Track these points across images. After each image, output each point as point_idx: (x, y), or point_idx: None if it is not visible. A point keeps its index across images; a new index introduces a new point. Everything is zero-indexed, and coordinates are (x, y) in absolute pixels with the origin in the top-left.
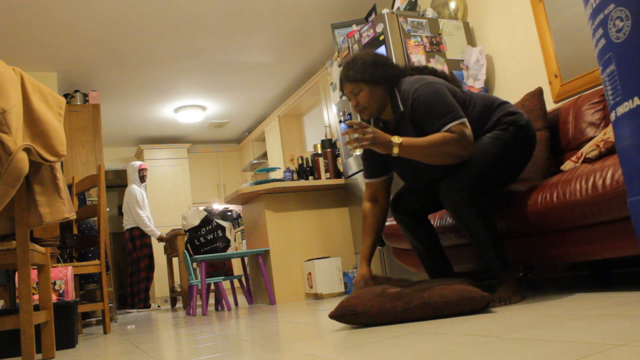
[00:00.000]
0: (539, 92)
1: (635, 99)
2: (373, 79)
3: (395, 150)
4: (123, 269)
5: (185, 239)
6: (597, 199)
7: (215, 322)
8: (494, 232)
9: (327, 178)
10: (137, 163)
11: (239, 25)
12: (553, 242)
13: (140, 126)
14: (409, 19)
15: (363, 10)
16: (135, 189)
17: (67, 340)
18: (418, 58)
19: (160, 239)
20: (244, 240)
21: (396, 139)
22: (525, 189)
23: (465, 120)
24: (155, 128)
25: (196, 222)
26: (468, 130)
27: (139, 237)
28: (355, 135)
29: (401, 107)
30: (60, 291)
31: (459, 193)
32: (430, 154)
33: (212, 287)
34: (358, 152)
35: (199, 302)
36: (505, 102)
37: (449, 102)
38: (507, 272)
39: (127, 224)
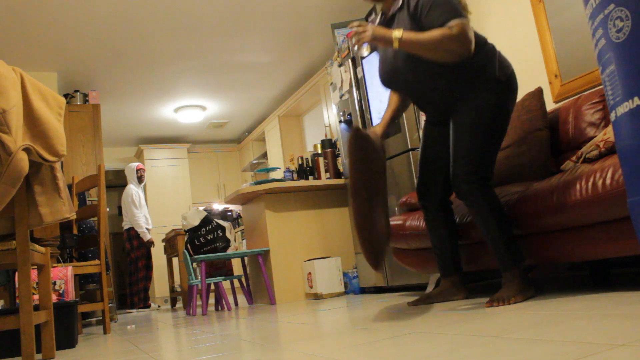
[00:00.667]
0: (539, 92)
1: (635, 99)
2: None
3: (396, 44)
4: (123, 269)
5: (185, 239)
6: (597, 199)
7: (215, 322)
8: (505, 225)
9: (327, 178)
10: (134, 164)
11: (239, 25)
12: (553, 242)
13: (140, 126)
14: None
15: (363, 10)
16: (132, 188)
17: (67, 340)
18: None
19: (149, 243)
20: (244, 240)
21: (397, 33)
22: (524, 189)
23: (467, 20)
24: (155, 128)
25: (196, 222)
26: (469, 30)
27: (136, 237)
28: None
29: (400, 0)
30: (60, 291)
31: (468, 182)
32: (429, 48)
33: (212, 287)
34: (366, 52)
35: (199, 302)
36: (492, 45)
37: (454, 3)
38: (516, 269)
39: (126, 224)
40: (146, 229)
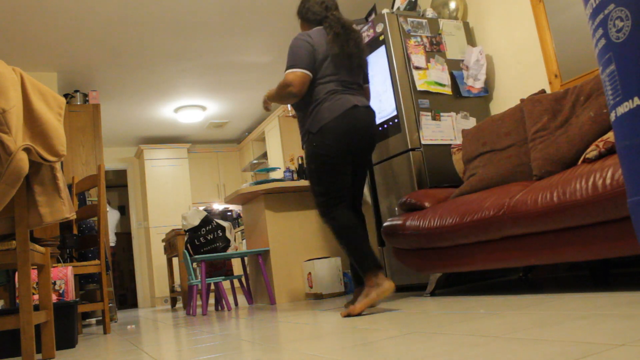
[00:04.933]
0: (540, 93)
1: (635, 99)
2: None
3: (264, 99)
4: (123, 269)
5: (185, 239)
6: (597, 199)
7: (215, 322)
8: (349, 246)
9: None
10: None
11: (238, 25)
12: (553, 242)
13: (140, 126)
14: (409, 19)
15: (363, 10)
16: None
17: (67, 340)
18: (418, 58)
19: None
20: (244, 240)
21: (265, 93)
22: (524, 188)
23: (296, 70)
24: (155, 128)
25: (196, 222)
26: (291, 76)
27: None
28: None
29: None
30: (60, 291)
31: (318, 214)
32: (276, 98)
33: (212, 287)
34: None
35: (199, 302)
36: (329, 98)
37: (295, 54)
38: (367, 277)
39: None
40: None
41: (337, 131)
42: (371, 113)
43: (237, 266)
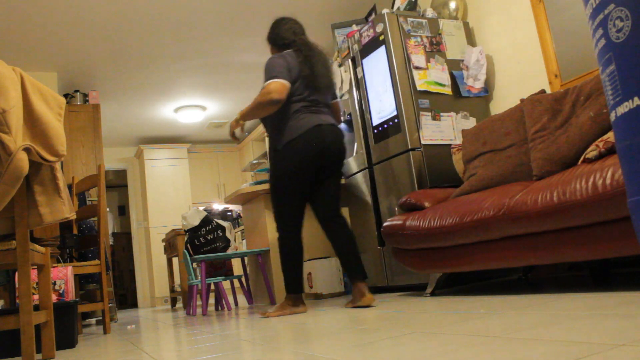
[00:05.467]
0: (541, 93)
1: (635, 99)
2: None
3: (237, 119)
4: (123, 269)
5: (185, 239)
6: (597, 199)
7: (215, 322)
8: (287, 265)
9: None
10: None
11: (239, 25)
12: (553, 242)
13: (140, 126)
14: (409, 19)
15: (363, 10)
16: None
17: (67, 340)
18: (418, 58)
19: None
20: (244, 240)
21: (238, 114)
22: (524, 188)
23: (277, 80)
24: (155, 128)
25: (196, 222)
26: (274, 85)
27: None
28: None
29: None
30: (60, 291)
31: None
32: (256, 109)
33: (212, 287)
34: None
35: (199, 302)
36: (294, 117)
37: (273, 68)
38: (287, 295)
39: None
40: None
41: (300, 148)
42: (335, 130)
43: (237, 266)
